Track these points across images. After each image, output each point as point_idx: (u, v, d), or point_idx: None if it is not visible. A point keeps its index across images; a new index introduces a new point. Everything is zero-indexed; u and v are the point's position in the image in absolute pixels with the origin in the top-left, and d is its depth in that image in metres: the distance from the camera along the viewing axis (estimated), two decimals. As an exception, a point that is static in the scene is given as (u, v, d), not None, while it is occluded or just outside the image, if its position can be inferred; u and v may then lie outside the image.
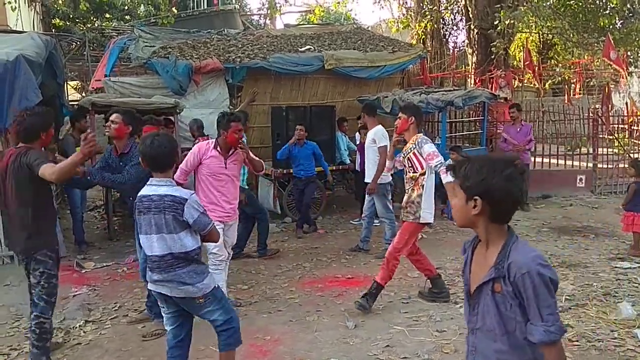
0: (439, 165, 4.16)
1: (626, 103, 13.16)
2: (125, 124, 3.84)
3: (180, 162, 4.11)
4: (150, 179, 2.83)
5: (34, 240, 3.25)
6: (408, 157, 4.37)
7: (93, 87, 8.81)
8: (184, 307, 2.87)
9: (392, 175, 5.74)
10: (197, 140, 7.13)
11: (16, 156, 3.21)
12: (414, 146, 4.31)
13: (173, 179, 2.91)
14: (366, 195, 6.04)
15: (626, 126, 11.32)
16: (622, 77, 12.39)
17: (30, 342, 3.28)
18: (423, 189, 4.27)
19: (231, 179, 4.22)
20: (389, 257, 4.29)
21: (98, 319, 4.25)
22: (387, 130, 6.12)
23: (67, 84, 9.86)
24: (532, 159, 8.90)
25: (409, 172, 4.40)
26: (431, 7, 15.02)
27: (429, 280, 4.56)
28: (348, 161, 8.28)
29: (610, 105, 11.19)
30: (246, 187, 5.91)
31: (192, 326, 3.00)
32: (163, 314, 2.96)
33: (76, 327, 4.10)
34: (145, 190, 2.80)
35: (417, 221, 4.28)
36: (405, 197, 4.41)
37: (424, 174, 4.28)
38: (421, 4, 15.34)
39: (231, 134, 4.09)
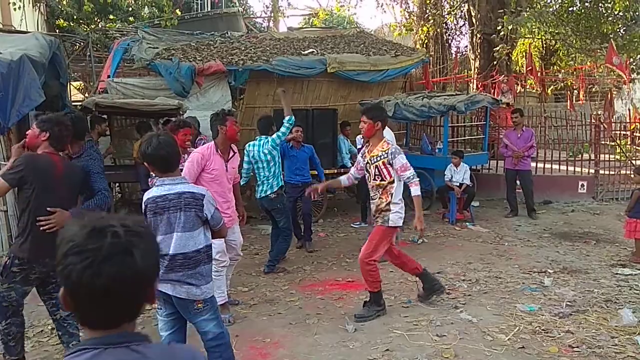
0: (411, 177, 4.12)
1: (628, 109, 13.17)
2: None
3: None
4: (161, 179, 2.76)
5: None
6: (376, 165, 4.20)
7: (101, 89, 8.82)
8: (180, 311, 2.81)
9: None
10: (201, 138, 6.65)
11: (70, 160, 3.35)
12: (385, 155, 4.16)
13: None
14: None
15: (628, 132, 11.33)
16: (625, 84, 12.42)
17: (69, 333, 3.32)
18: (392, 197, 4.18)
19: (229, 182, 4.22)
20: (361, 265, 4.21)
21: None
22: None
23: (70, 84, 9.89)
24: (534, 164, 8.85)
25: (375, 179, 4.24)
26: (434, 11, 15.06)
27: (419, 280, 4.55)
28: (349, 164, 8.28)
29: (612, 112, 11.20)
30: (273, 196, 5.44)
31: (186, 336, 2.93)
32: (159, 318, 2.87)
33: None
34: (157, 191, 2.73)
35: (385, 224, 4.20)
36: (374, 206, 4.31)
37: (392, 182, 4.18)
38: (424, 9, 15.38)
39: (230, 126, 4.17)
